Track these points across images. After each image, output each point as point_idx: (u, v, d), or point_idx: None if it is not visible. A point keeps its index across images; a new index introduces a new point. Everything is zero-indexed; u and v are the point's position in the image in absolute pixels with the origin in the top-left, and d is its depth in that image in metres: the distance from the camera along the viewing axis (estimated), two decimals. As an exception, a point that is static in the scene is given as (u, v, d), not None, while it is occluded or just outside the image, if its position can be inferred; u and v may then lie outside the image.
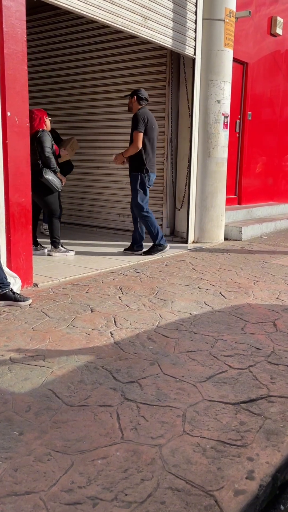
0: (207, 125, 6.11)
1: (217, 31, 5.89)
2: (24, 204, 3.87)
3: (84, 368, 2.48)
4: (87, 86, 7.08)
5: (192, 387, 2.30)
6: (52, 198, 5.15)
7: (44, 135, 4.96)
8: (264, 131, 8.72)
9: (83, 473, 1.64)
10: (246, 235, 6.85)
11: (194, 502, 1.51)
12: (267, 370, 2.51)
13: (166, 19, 5.34)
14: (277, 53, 8.71)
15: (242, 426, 1.96)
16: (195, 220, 6.33)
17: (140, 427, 1.93)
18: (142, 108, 5.14)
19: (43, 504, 1.49)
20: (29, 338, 2.88)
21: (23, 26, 3.63)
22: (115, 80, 6.75)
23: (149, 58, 6.40)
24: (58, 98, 7.45)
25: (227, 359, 2.64)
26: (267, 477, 1.65)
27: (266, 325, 3.23)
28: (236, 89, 7.62)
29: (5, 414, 2.01)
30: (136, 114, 5.08)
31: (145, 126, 5.06)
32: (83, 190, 7.43)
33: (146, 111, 5.14)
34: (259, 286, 4.24)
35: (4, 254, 3.80)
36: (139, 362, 2.56)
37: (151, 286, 4.13)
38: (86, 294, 3.84)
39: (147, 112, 5.12)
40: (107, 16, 4.52)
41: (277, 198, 9.68)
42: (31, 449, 1.77)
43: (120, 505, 1.49)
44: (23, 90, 3.72)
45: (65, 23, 7.02)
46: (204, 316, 3.38)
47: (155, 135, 5.23)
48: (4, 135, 3.64)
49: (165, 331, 3.07)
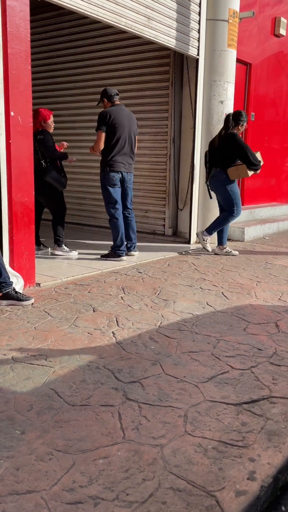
0: (210, 126, 6.11)
1: (220, 31, 5.89)
2: (27, 204, 3.88)
3: (86, 367, 2.48)
4: (90, 86, 7.09)
5: (194, 387, 2.30)
6: (57, 197, 5.17)
7: (44, 135, 4.98)
8: (267, 132, 8.71)
9: (84, 472, 1.64)
10: (248, 235, 6.84)
11: (195, 502, 1.51)
12: (269, 371, 2.51)
13: (170, 20, 5.34)
14: (281, 54, 8.70)
15: (244, 426, 1.96)
16: (197, 220, 6.33)
17: (141, 427, 1.94)
18: (112, 106, 4.95)
19: (44, 503, 1.49)
20: (31, 338, 2.88)
21: (27, 26, 3.64)
22: (119, 81, 6.75)
23: (153, 59, 6.40)
24: (61, 98, 7.46)
25: (229, 359, 2.64)
26: (269, 478, 1.65)
27: (268, 326, 3.23)
28: (240, 90, 7.61)
29: (7, 413, 2.01)
30: (100, 112, 4.92)
31: (107, 125, 4.84)
32: (86, 190, 7.43)
33: (115, 109, 4.92)
34: (261, 287, 4.24)
35: (7, 253, 3.81)
36: (141, 362, 2.57)
37: (153, 286, 4.13)
38: (88, 294, 3.85)
39: (113, 111, 4.89)
40: (111, 16, 4.52)
41: (280, 199, 9.66)
42: (33, 448, 1.77)
43: (121, 505, 1.49)
44: (27, 90, 3.73)
45: (69, 23, 7.03)
46: (206, 316, 3.38)
47: (127, 134, 4.97)
48: (8, 135, 3.65)
49: (167, 331, 3.07)
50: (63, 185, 5.12)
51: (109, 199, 5.06)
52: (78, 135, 7.36)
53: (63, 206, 5.29)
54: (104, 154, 4.97)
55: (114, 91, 5.01)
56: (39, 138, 4.92)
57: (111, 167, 4.98)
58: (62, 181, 5.10)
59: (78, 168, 7.43)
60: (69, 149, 7.40)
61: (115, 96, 4.99)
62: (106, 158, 4.97)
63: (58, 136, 7.14)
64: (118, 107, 4.99)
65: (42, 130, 5.00)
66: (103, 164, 5.01)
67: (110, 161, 4.96)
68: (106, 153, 4.96)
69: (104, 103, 5.03)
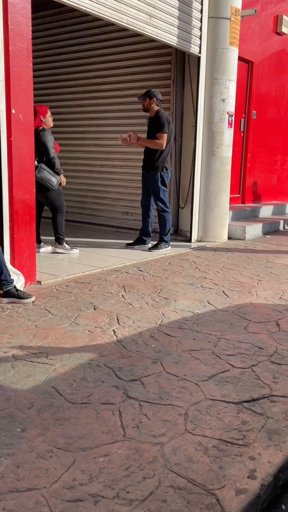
0: (212, 124, 6.10)
1: (222, 29, 5.88)
2: (28, 202, 3.88)
3: (86, 365, 2.48)
4: (91, 84, 7.08)
5: (195, 386, 2.30)
6: (55, 194, 5.13)
7: (45, 134, 4.96)
8: (269, 130, 8.70)
9: (85, 470, 1.64)
10: (249, 234, 6.83)
11: (195, 500, 1.51)
12: (269, 369, 2.51)
13: (172, 17, 5.33)
14: (283, 52, 8.68)
15: (244, 425, 1.96)
16: (198, 219, 6.32)
17: (142, 425, 1.94)
18: (161, 109, 5.38)
19: (44, 501, 1.49)
20: (32, 335, 2.89)
21: (28, 24, 3.63)
22: (120, 78, 6.74)
23: (154, 56, 6.39)
24: (63, 95, 7.45)
25: (230, 358, 2.64)
26: (269, 476, 1.65)
27: (269, 324, 3.23)
28: (241, 88, 7.59)
29: (8, 411, 2.02)
30: (160, 115, 5.29)
31: (169, 128, 5.32)
32: (87, 188, 7.42)
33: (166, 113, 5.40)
34: (262, 285, 4.24)
35: (7, 251, 3.80)
36: (141, 361, 2.57)
37: (154, 284, 4.13)
38: (89, 292, 3.85)
39: (167, 114, 5.38)
40: (113, 14, 4.51)
41: (281, 197, 9.65)
42: (33, 446, 1.78)
43: (122, 503, 1.49)
44: (28, 88, 3.72)
45: (70, 21, 7.02)
46: (207, 315, 3.38)
47: (172, 136, 5.55)
48: (9, 133, 3.64)
49: (168, 329, 3.07)
50: (54, 185, 5.05)
51: (164, 196, 5.48)
52: (79, 132, 7.35)
53: (62, 204, 5.27)
54: (157, 156, 5.34)
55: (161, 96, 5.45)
56: (40, 137, 4.90)
57: (168, 166, 5.45)
58: (53, 180, 5.02)
59: (80, 166, 7.43)
60: (72, 146, 7.43)
61: (161, 102, 5.43)
62: (160, 159, 5.35)
63: (60, 134, 7.15)
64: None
65: (43, 129, 4.99)
66: (158, 165, 5.36)
67: (164, 161, 5.39)
68: (159, 155, 5.33)
69: (150, 102, 5.31)
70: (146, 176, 5.49)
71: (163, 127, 5.24)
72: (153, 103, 5.31)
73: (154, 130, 5.33)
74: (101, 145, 7.16)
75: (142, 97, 5.35)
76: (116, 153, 6.93)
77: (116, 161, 7.01)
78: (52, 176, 5.04)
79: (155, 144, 5.29)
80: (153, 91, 5.34)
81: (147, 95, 5.31)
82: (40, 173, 4.93)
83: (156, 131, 5.29)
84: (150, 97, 5.30)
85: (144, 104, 5.36)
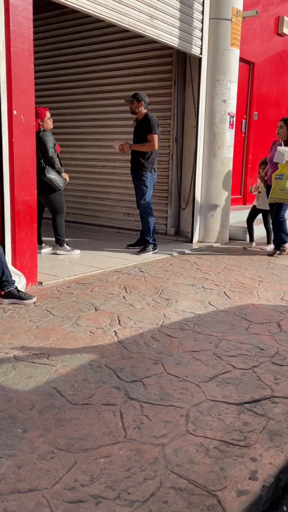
0: (213, 125, 6.10)
1: (223, 30, 5.88)
2: (29, 203, 3.88)
3: (88, 366, 2.48)
4: (92, 85, 7.09)
5: (196, 387, 2.30)
6: (56, 196, 5.15)
7: (45, 135, 4.97)
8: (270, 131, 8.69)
9: (86, 471, 1.64)
10: (251, 235, 6.82)
11: (196, 501, 1.51)
12: (271, 370, 2.51)
13: (173, 19, 5.33)
14: (284, 53, 8.68)
15: (246, 426, 1.96)
16: (200, 219, 6.32)
17: (143, 426, 1.94)
18: (150, 112, 5.36)
19: (46, 501, 1.49)
20: (33, 336, 2.89)
21: (30, 25, 3.64)
22: (121, 80, 6.75)
23: (155, 58, 6.40)
24: (64, 97, 7.46)
25: (231, 359, 2.64)
26: (270, 478, 1.65)
27: (270, 325, 3.22)
28: (242, 89, 7.59)
29: (9, 412, 2.02)
30: (150, 118, 5.26)
31: (158, 129, 5.31)
32: (88, 189, 7.43)
33: (155, 115, 5.40)
34: (263, 286, 4.23)
35: (9, 252, 3.81)
36: (142, 361, 2.57)
37: (155, 285, 4.13)
38: (91, 293, 3.85)
39: (156, 117, 5.37)
40: (114, 15, 4.51)
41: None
42: (35, 446, 1.78)
43: (123, 504, 1.49)
44: (29, 89, 3.73)
45: (72, 22, 7.03)
46: (208, 316, 3.38)
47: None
48: (10, 134, 3.65)
49: (169, 330, 3.07)
50: (62, 185, 5.09)
51: (148, 197, 5.44)
52: (80, 133, 7.36)
53: (62, 205, 5.27)
54: (146, 156, 5.32)
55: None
56: (41, 136, 4.91)
57: (154, 169, 5.44)
58: (60, 181, 5.06)
59: (80, 167, 7.44)
60: (73, 147, 7.44)
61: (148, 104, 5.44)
62: (148, 160, 5.33)
63: (61, 135, 7.16)
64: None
65: (44, 130, 5.00)
66: (146, 165, 5.33)
67: (153, 162, 5.38)
68: (148, 155, 5.32)
69: (139, 105, 5.28)
70: (134, 177, 5.46)
71: (153, 129, 5.20)
72: (141, 106, 5.27)
73: (142, 132, 5.28)
74: (102, 146, 7.17)
75: (130, 99, 5.30)
76: (117, 154, 6.94)
77: (117, 162, 7.02)
78: (59, 177, 5.06)
79: (148, 147, 5.24)
80: (140, 94, 5.29)
81: (134, 97, 5.27)
82: (48, 173, 4.95)
83: (145, 133, 5.25)
84: (138, 100, 5.24)
85: (132, 107, 5.30)
